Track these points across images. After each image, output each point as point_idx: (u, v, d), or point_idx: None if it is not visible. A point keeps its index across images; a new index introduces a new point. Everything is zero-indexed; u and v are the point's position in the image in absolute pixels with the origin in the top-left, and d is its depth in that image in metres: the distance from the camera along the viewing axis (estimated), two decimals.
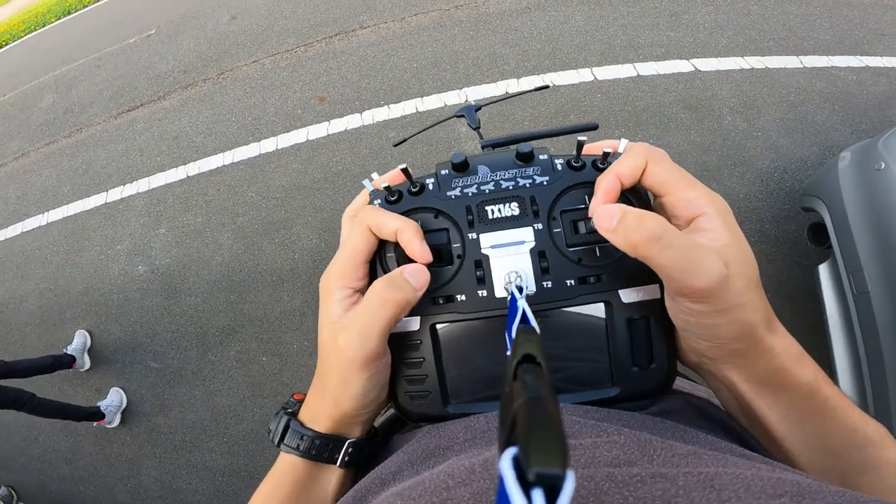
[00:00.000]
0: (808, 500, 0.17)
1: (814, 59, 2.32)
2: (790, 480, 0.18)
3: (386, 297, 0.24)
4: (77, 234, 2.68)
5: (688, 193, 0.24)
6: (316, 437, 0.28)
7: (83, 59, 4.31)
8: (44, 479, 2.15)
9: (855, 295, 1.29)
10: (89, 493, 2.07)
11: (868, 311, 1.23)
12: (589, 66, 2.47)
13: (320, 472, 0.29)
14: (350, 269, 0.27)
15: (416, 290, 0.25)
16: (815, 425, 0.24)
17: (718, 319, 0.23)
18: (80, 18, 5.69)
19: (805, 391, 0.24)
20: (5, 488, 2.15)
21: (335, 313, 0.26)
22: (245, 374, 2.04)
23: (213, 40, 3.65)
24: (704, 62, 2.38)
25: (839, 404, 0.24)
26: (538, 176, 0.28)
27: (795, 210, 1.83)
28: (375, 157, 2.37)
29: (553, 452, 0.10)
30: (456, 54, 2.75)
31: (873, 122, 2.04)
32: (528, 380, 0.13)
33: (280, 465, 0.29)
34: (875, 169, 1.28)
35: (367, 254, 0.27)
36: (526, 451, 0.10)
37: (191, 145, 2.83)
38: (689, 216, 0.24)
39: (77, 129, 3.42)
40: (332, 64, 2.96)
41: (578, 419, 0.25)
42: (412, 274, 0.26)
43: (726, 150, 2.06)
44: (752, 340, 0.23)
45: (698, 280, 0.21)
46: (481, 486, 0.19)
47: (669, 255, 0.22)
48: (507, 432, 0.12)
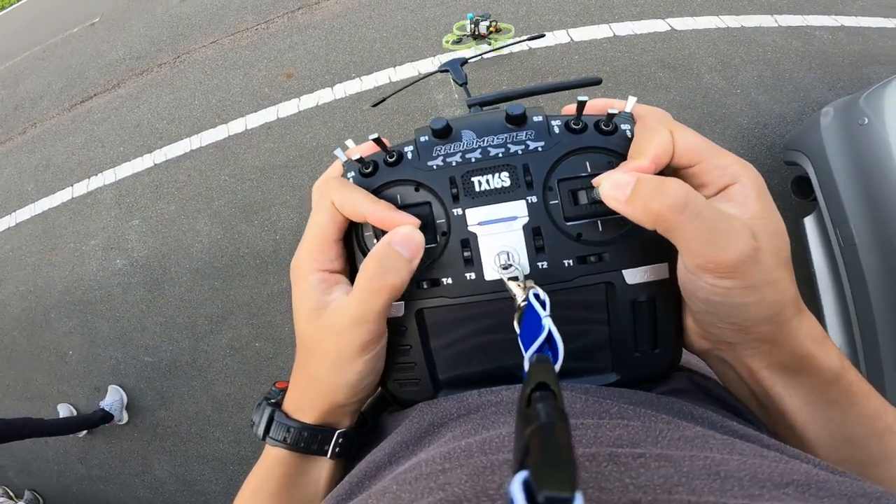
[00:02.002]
0: (814, 490, 0.16)
1: (789, 17, 2.34)
2: (798, 469, 0.17)
3: (378, 285, 0.22)
4: (48, 233, 2.57)
5: (721, 160, 0.22)
6: (303, 429, 0.26)
7: (26, 53, 4.02)
8: (64, 481, 2.15)
9: (842, 247, 1.32)
10: (110, 491, 2.09)
11: (856, 263, 1.26)
12: (564, 28, 2.43)
13: (310, 465, 0.28)
14: (320, 250, 0.24)
15: (411, 262, 0.23)
16: (838, 412, 0.23)
17: (746, 298, 0.20)
18: (17, 11, 5.27)
19: (829, 377, 0.22)
20: (30, 493, 2.13)
21: (314, 299, 0.24)
22: (240, 361, 2.04)
23: (164, 24, 3.44)
24: (680, 21, 2.37)
25: (861, 390, 0.23)
26: (532, 141, 0.24)
27: (778, 164, 1.87)
28: (351, 130, 2.31)
29: (562, 477, 0.10)
30: (426, 21, 2.66)
31: (850, 80, 2.09)
32: (541, 407, 0.13)
33: (266, 458, 0.28)
34: (858, 124, 1.31)
35: (336, 232, 0.25)
36: (536, 475, 0.11)
37: (154, 132, 2.70)
38: (721, 184, 0.22)
39: (31, 125, 3.22)
40: (297, 39, 2.83)
41: (580, 396, 0.24)
42: (402, 243, 0.23)
43: (706, 108, 2.09)
44: (780, 323, 0.21)
45: (726, 253, 0.19)
46: (478, 467, 0.19)
47: (696, 226, 0.19)
48: (520, 457, 0.12)
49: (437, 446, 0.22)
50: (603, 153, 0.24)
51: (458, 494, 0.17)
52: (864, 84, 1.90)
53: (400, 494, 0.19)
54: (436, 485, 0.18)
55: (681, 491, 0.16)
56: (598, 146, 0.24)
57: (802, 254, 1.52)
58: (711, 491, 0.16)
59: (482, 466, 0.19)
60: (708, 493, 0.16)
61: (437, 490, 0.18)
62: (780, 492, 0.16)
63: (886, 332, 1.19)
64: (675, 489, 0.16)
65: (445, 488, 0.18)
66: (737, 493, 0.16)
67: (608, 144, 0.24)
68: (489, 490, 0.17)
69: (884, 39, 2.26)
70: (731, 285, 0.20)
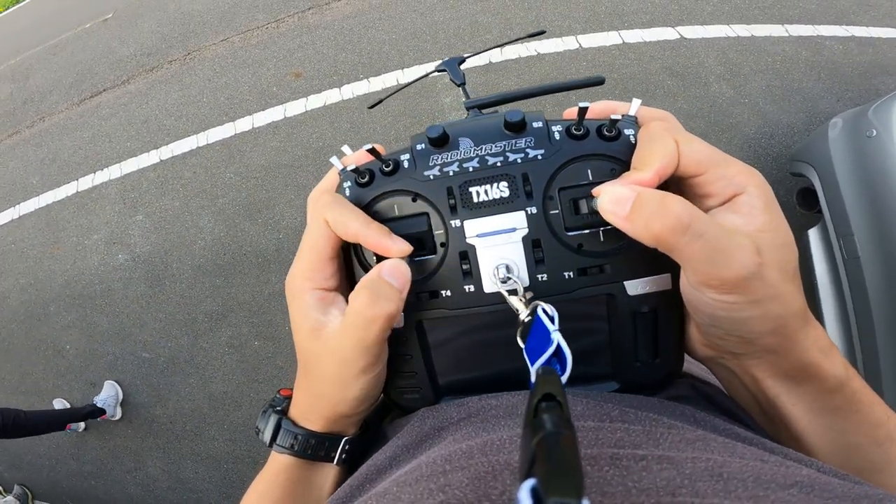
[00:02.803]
0: (817, 491, 0.16)
1: (799, 27, 2.33)
2: (801, 472, 0.17)
3: (371, 314, 0.22)
4: (52, 226, 2.58)
5: (728, 169, 0.21)
6: (310, 437, 0.27)
7: (38, 47, 4.06)
8: (54, 476, 2.13)
9: (845, 259, 1.31)
10: (101, 487, 2.07)
11: (858, 276, 1.25)
12: (573, 34, 2.43)
13: (315, 472, 0.28)
14: (315, 269, 0.24)
15: (401, 292, 0.23)
16: (840, 420, 0.23)
17: (750, 312, 0.20)
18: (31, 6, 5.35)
19: (833, 385, 0.22)
20: (19, 487, 2.12)
21: (312, 319, 0.24)
22: (239, 360, 2.02)
23: (175, 21, 3.47)
24: (690, 29, 2.37)
25: (865, 398, 0.23)
26: (531, 149, 0.23)
27: (784, 175, 1.86)
28: (357, 131, 2.31)
29: (570, 484, 0.11)
30: (436, 24, 2.66)
31: (859, 91, 2.07)
32: (547, 417, 0.14)
33: (272, 465, 0.28)
34: (866, 136, 1.30)
35: (330, 250, 0.24)
36: (544, 482, 0.11)
37: (161, 128, 2.71)
38: (727, 195, 0.21)
39: (39, 119, 3.24)
40: (307, 39, 2.85)
41: (581, 400, 0.24)
42: (391, 274, 0.23)
43: (713, 117, 2.08)
44: (785, 335, 0.21)
45: (729, 271, 0.19)
46: (480, 470, 0.19)
47: (698, 246, 0.19)
48: (527, 465, 0.12)
49: (438, 449, 0.22)
50: (605, 160, 0.23)
51: (458, 497, 0.17)
52: (872, 95, 1.88)
53: (400, 496, 0.19)
54: (436, 487, 0.18)
55: (684, 493, 0.16)
56: (601, 153, 0.23)
57: (805, 265, 1.51)
58: (715, 493, 0.16)
59: (483, 469, 0.19)
60: (711, 495, 0.16)
61: (437, 492, 0.18)
62: (784, 493, 0.16)
63: (887, 345, 1.19)
64: (678, 491, 0.16)
65: (446, 490, 0.18)
66: (740, 494, 0.16)
67: (611, 151, 0.23)
68: (491, 494, 0.17)
69: (894, 51, 2.24)
70: (735, 300, 0.20)
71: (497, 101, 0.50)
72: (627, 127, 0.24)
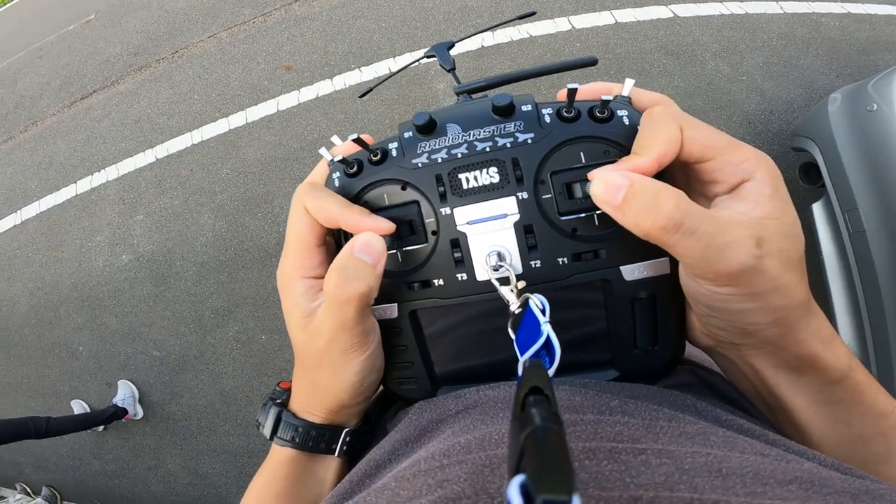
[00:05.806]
0: (817, 486, 0.16)
1: (794, 4, 2.30)
2: (801, 466, 0.17)
3: (343, 296, 0.22)
4: (54, 230, 2.59)
5: (735, 156, 0.20)
6: (311, 428, 0.27)
7: (23, 52, 3.99)
8: (79, 476, 2.19)
9: (851, 233, 1.31)
10: (124, 485, 2.13)
11: (865, 250, 1.25)
12: (566, 15, 2.40)
13: (316, 464, 0.28)
14: (302, 258, 0.24)
15: (374, 267, 0.22)
16: (844, 411, 0.22)
17: (748, 304, 0.20)
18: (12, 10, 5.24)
19: (835, 376, 0.22)
20: (47, 489, 2.17)
21: (302, 307, 0.24)
22: (247, 354, 2.06)
23: (160, 19, 3.41)
24: (683, 7, 2.33)
25: (868, 389, 0.22)
26: (521, 133, 0.23)
27: (784, 150, 1.86)
28: (351, 121, 2.30)
29: (560, 480, 0.10)
30: (425, 10, 2.63)
31: (858, 67, 2.06)
32: (535, 411, 0.13)
33: (273, 457, 0.28)
34: (867, 110, 1.30)
35: (314, 238, 0.24)
36: (534, 479, 0.11)
37: (155, 127, 2.70)
38: (734, 182, 0.21)
39: (32, 123, 3.22)
40: (295, 31, 2.81)
41: (580, 390, 0.23)
42: (362, 250, 0.22)
43: (711, 95, 2.07)
44: (786, 326, 0.21)
45: (724, 266, 0.18)
46: (477, 464, 0.18)
47: (691, 243, 0.18)
48: (516, 461, 0.12)
49: (436, 443, 0.22)
50: (598, 142, 0.23)
51: (456, 492, 0.17)
52: (871, 71, 1.86)
53: (398, 492, 0.19)
54: (434, 482, 0.18)
55: (682, 489, 0.16)
56: (593, 135, 0.22)
57: (810, 239, 1.51)
58: (713, 489, 0.16)
59: (481, 463, 0.18)
60: (710, 491, 0.16)
61: (435, 487, 0.18)
62: (783, 489, 0.16)
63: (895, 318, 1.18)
64: (676, 487, 0.16)
65: (444, 485, 0.18)
66: (739, 490, 0.16)
67: (603, 133, 0.23)
68: (489, 488, 0.17)
69: (891, 27, 2.22)
70: (732, 292, 0.19)
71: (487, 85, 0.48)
72: (620, 108, 0.23)
